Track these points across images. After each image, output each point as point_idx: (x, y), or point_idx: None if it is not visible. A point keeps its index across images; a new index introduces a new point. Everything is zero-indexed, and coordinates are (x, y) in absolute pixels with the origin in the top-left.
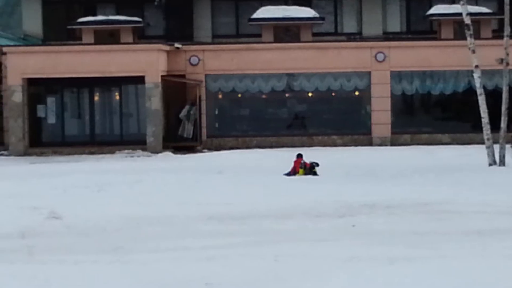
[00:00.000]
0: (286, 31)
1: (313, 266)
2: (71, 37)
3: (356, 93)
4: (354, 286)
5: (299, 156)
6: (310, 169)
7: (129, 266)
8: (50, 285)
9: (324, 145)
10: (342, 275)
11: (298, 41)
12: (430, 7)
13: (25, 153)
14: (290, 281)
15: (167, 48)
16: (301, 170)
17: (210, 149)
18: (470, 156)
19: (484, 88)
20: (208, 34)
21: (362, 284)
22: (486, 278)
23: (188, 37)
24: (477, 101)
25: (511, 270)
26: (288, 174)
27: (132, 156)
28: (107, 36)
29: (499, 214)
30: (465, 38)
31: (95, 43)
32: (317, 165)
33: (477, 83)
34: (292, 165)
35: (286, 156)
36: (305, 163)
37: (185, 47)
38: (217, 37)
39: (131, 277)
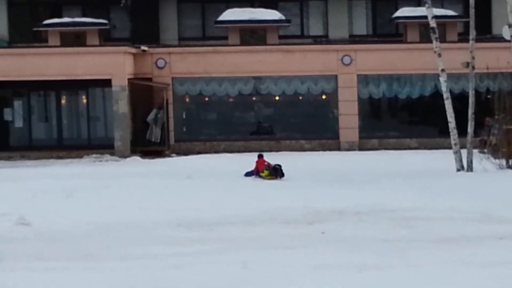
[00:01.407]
0: (252, 34)
1: (281, 273)
2: (37, 39)
3: (323, 96)
4: None
5: (260, 156)
6: (275, 169)
7: (99, 273)
8: None
9: (292, 150)
10: (310, 282)
11: (265, 43)
12: (396, 9)
13: None
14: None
15: (134, 50)
16: (266, 171)
17: (178, 153)
18: (438, 161)
19: (451, 92)
20: (174, 36)
21: None
22: (453, 285)
23: (154, 40)
24: (444, 105)
25: (479, 277)
26: (249, 174)
27: (100, 161)
28: (73, 38)
29: (467, 221)
30: (431, 41)
31: (61, 46)
32: (280, 166)
33: (443, 87)
34: (254, 165)
35: (254, 161)
36: (268, 163)
37: (152, 50)
38: (184, 40)
39: (101, 285)
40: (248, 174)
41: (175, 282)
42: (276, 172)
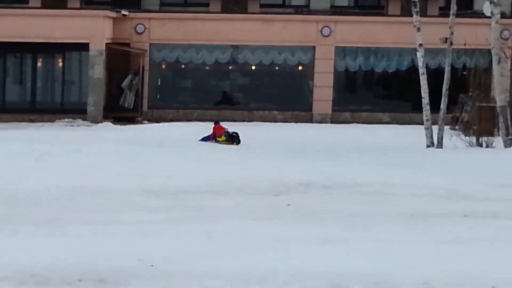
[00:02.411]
0: (234, 2)
1: (245, 245)
2: (18, 0)
3: (300, 67)
4: (284, 264)
5: (217, 122)
6: (233, 136)
7: (63, 238)
8: None
9: (265, 120)
10: (273, 254)
11: (246, 12)
12: None
13: None
14: (221, 258)
15: (114, 15)
16: (223, 137)
17: (151, 120)
18: (409, 136)
19: (427, 67)
20: (156, 2)
21: (291, 263)
22: (417, 261)
23: (136, 4)
24: (419, 80)
25: (441, 254)
26: (205, 139)
27: (72, 125)
28: (54, 0)
29: (433, 197)
30: (411, 15)
31: (42, 7)
32: (237, 134)
33: (420, 62)
34: (211, 131)
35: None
36: (227, 130)
37: (132, 15)
38: (165, 5)
39: (64, 250)
40: (204, 139)
41: (138, 249)
42: (233, 139)
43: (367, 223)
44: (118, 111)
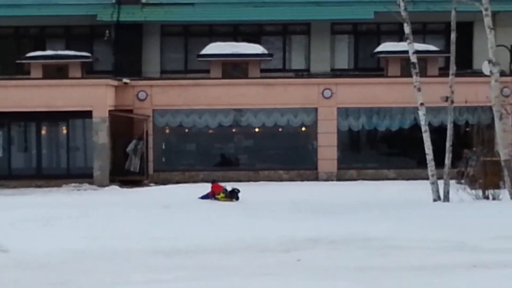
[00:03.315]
0: (234, 67)
1: None
2: (20, 71)
3: (303, 128)
4: None
5: (214, 181)
6: (232, 192)
7: None
8: None
9: (270, 180)
10: None
11: (246, 77)
12: (378, 44)
13: None
14: None
15: (115, 83)
16: (222, 194)
17: (157, 183)
18: (415, 191)
19: (430, 124)
20: (156, 69)
21: None
22: None
23: (136, 72)
24: (422, 137)
25: None
26: (204, 197)
27: (78, 190)
28: (56, 71)
29: (441, 250)
30: (411, 75)
31: (44, 78)
32: (238, 191)
33: (422, 120)
34: (209, 189)
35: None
36: (225, 188)
37: (133, 82)
38: (166, 73)
39: None
40: (203, 197)
41: None
42: (232, 195)
43: (376, 277)
44: (124, 175)
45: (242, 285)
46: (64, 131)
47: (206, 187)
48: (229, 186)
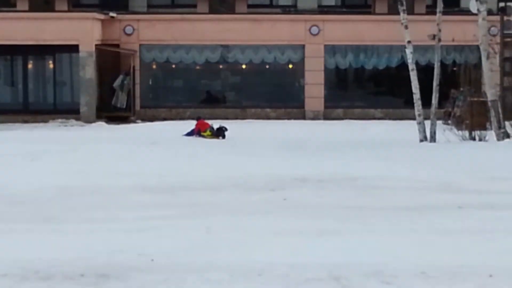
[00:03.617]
0: (221, 2)
1: (244, 239)
2: (5, 3)
3: (290, 66)
4: (282, 257)
5: (199, 118)
6: (218, 131)
7: (62, 236)
8: None
9: (258, 118)
10: (271, 247)
11: (233, 12)
12: None
13: None
14: (220, 252)
15: (102, 17)
16: (208, 131)
17: (144, 119)
18: (402, 131)
19: (417, 63)
20: (143, 3)
21: (290, 255)
22: (413, 251)
23: (123, 6)
24: (409, 76)
25: (437, 245)
26: (189, 134)
27: (65, 126)
28: (42, 3)
29: (427, 190)
30: (399, 13)
31: (30, 10)
32: (226, 129)
33: (409, 59)
34: (194, 126)
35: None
36: (212, 126)
37: (120, 17)
38: (152, 7)
39: (64, 246)
40: (188, 134)
41: (138, 245)
42: (218, 132)
43: (363, 216)
44: (111, 111)
45: (229, 223)
46: (51, 66)
47: (193, 124)
48: (216, 124)
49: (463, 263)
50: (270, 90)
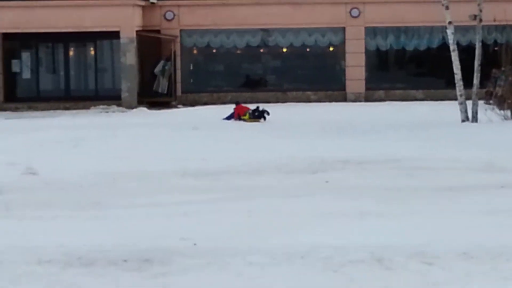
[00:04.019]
0: None
1: (285, 221)
2: None
3: (331, 48)
4: (325, 239)
5: (238, 103)
6: (260, 113)
7: (105, 221)
8: (28, 240)
9: (298, 101)
10: (314, 229)
11: None
12: None
13: (0, 108)
14: (262, 235)
15: (142, 3)
16: (247, 115)
17: (185, 104)
18: (444, 112)
19: (458, 44)
20: None
21: (332, 237)
22: (455, 232)
23: None
24: (450, 57)
25: (479, 225)
26: (229, 118)
27: (107, 112)
28: None
29: (469, 170)
30: None
31: None
32: (267, 113)
33: (450, 40)
34: (233, 111)
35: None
36: (250, 109)
37: (160, 2)
38: None
39: (107, 232)
40: (227, 118)
41: (181, 229)
42: (259, 115)
43: (405, 197)
44: (152, 97)
45: (271, 206)
46: (92, 52)
47: (232, 109)
48: (256, 106)
49: (506, 243)
50: (310, 73)
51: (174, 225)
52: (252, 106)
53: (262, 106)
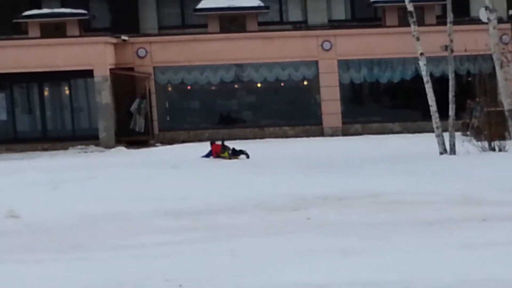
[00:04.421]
0: (231, 21)
1: (269, 260)
2: (17, 31)
3: (305, 82)
4: (308, 278)
5: (213, 142)
6: (236, 153)
7: (88, 264)
8: (11, 284)
9: (276, 137)
10: (297, 267)
11: (244, 30)
12: None
13: None
14: (246, 275)
15: (114, 40)
16: (226, 153)
17: (163, 142)
18: (421, 144)
19: (431, 75)
20: (154, 25)
21: (316, 275)
22: (438, 267)
23: (134, 29)
24: (425, 88)
25: (462, 260)
26: (207, 155)
27: (85, 152)
28: (53, 30)
29: (449, 204)
30: (409, 25)
31: (42, 37)
32: (246, 154)
33: (423, 71)
34: (210, 149)
35: (236, 147)
36: (227, 147)
37: (132, 39)
38: (163, 28)
39: (91, 275)
40: (206, 155)
41: (164, 270)
42: (236, 154)
43: (386, 232)
44: (130, 135)
45: (254, 245)
46: (67, 92)
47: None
48: (234, 145)
49: (490, 277)
50: (287, 108)
51: (158, 267)
52: (230, 145)
53: (239, 147)
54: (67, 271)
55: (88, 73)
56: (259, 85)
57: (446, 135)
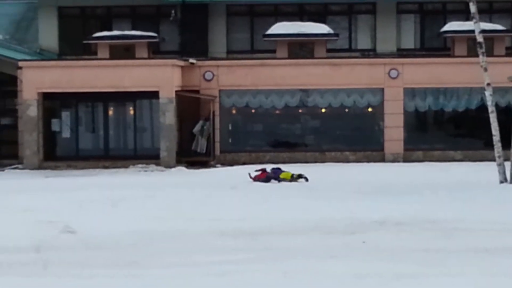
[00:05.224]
0: (300, 47)
1: (322, 282)
2: (87, 51)
3: (369, 109)
4: None
5: (258, 170)
6: (297, 177)
7: (143, 281)
8: None
9: (337, 161)
10: None
11: (312, 57)
12: (444, 24)
13: (40, 167)
14: None
15: (182, 63)
16: (288, 174)
17: (224, 164)
18: (482, 173)
19: (497, 105)
20: (222, 49)
21: None
22: None
23: (202, 53)
24: (489, 118)
25: None
26: (254, 179)
27: (145, 171)
28: (122, 51)
29: (507, 232)
30: (478, 55)
31: (110, 58)
32: (305, 178)
33: (489, 101)
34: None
35: (299, 172)
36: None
37: (200, 63)
38: (232, 53)
39: None
40: (254, 179)
41: None
42: (297, 178)
43: (441, 259)
44: (191, 156)
45: (308, 267)
46: (131, 112)
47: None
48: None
49: None
50: (349, 134)
51: (211, 285)
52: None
53: (298, 171)
54: (121, 287)
55: (154, 94)
56: (323, 110)
57: (507, 165)
